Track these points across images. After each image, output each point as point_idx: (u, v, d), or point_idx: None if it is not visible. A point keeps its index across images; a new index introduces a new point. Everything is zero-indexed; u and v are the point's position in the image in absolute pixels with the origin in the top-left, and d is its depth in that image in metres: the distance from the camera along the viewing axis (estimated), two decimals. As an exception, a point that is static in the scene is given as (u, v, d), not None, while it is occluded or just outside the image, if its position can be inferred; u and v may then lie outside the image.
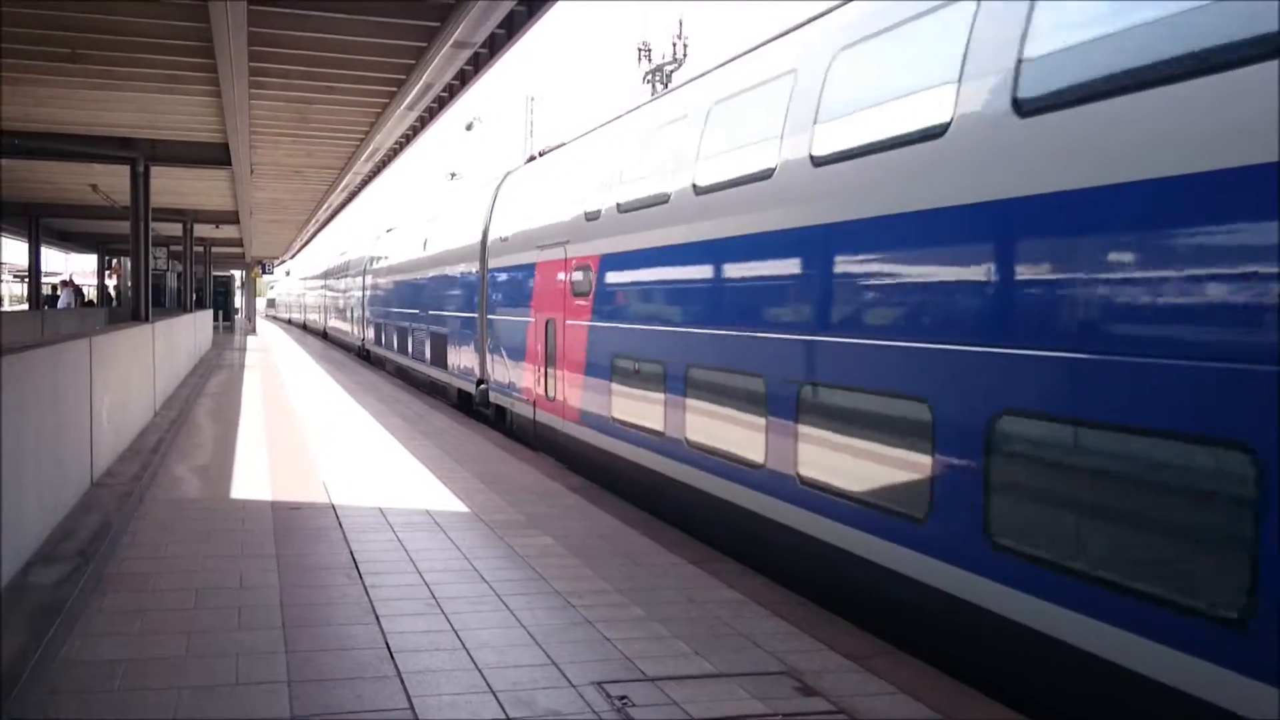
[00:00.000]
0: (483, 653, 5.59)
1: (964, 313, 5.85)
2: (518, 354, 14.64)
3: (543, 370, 13.30)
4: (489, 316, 16.42)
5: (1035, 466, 5.38)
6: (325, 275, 49.58)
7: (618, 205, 10.96)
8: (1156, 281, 4.70)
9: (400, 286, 26.14)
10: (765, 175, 7.88)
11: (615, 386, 10.84)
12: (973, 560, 5.61)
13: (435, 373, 20.83)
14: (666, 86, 37.75)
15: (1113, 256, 4.92)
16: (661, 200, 9.76)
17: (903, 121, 6.34)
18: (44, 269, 35.17)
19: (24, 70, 11.17)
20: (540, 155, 16.40)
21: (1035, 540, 5.25)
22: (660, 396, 9.62)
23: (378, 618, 6.16)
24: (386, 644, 5.69)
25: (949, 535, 5.83)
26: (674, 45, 41.82)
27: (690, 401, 9.09)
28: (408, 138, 16.14)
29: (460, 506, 9.54)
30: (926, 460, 5.99)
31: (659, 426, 9.66)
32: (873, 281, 6.82)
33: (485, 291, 16.74)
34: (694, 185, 9.11)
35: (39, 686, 4.94)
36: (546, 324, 13.18)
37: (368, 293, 32.71)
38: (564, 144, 14.99)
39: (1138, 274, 4.80)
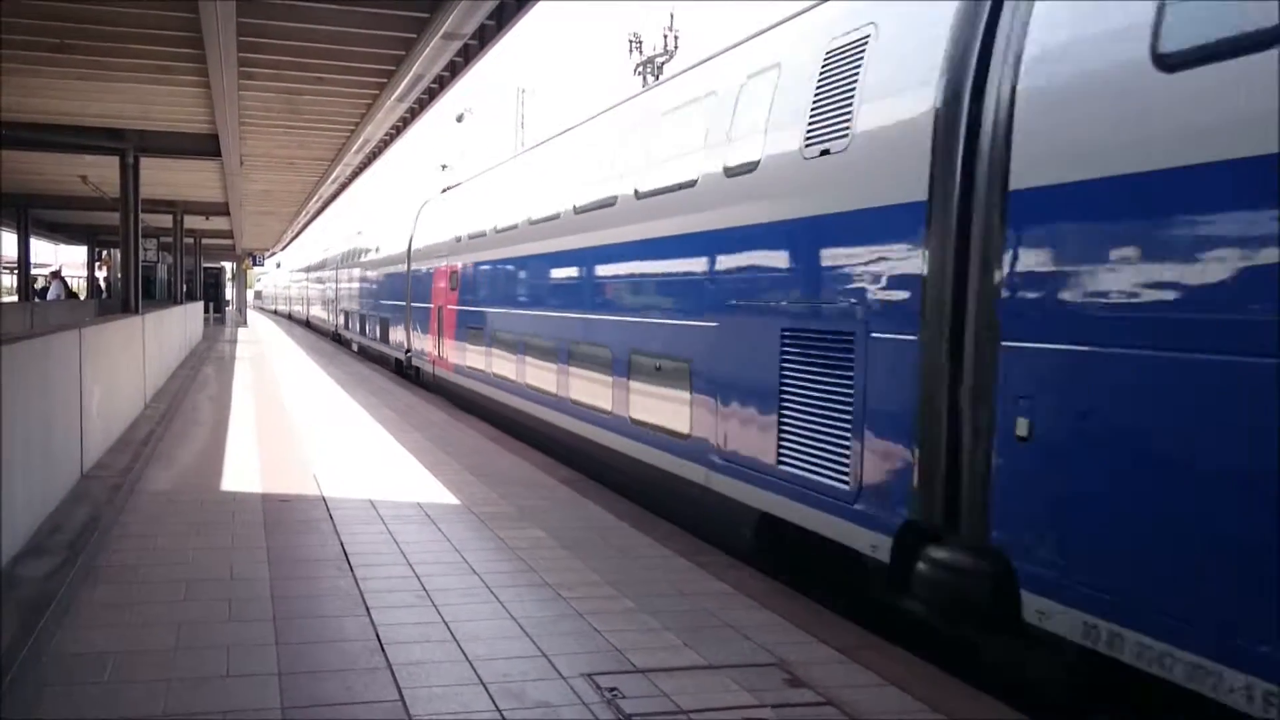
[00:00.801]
0: (473, 644, 5.60)
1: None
2: (425, 330, 21.14)
3: (437, 340, 19.66)
4: (411, 304, 22.81)
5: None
6: (306, 270, 56.85)
7: (468, 234, 17.86)
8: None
9: (361, 282, 32.65)
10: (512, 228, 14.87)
11: (469, 347, 17.06)
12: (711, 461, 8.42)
13: (382, 347, 27.39)
14: (658, 78, 37.77)
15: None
16: (480, 234, 16.74)
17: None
18: (33, 260, 35.04)
19: (12, 61, 11.11)
20: (445, 191, 23.85)
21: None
22: (491, 351, 15.49)
23: (368, 609, 6.17)
24: (377, 636, 5.70)
25: (702, 447, 8.56)
26: (665, 37, 41.81)
27: (501, 352, 14.89)
28: (398, 129, 16.10)
29: (451, 498, 9.55)
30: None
31: (483, 367, 15.85)
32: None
33: (409, 286, 23.19)
34: (494, 228, 15.87)
35: (29, 679, 4.94)
36: (439, 310, 19.64)
37: (340, 286, 38.90)
38: (458, 184, 22.65)
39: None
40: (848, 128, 6.58)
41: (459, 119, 50.87)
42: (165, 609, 6.10)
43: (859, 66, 6.59)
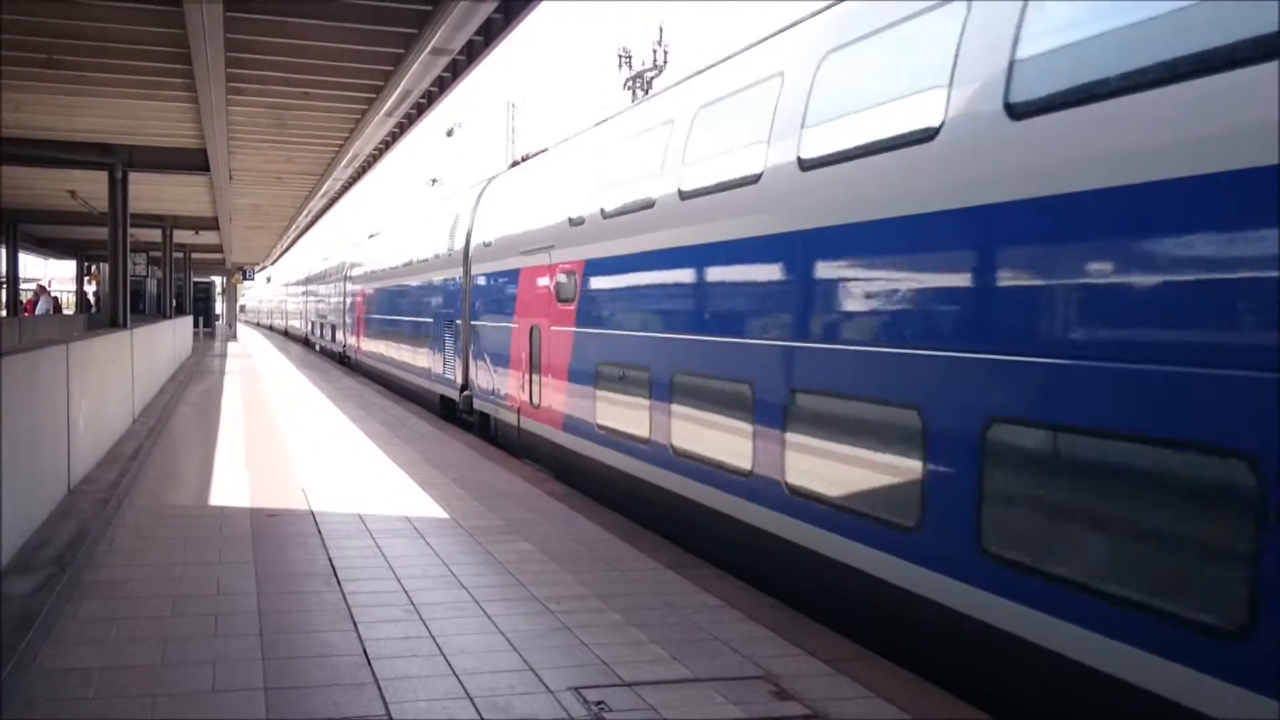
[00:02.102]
0: (460, 659, 5.60)
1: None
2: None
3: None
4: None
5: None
6: (285, 286, 65.71)
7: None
8: None
9: (319, 298, 42.05)
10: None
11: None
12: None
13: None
14: (646, 93, 37.87)
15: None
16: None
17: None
18: (22, 275, 34.96)
19: (2, 76, 11.12)
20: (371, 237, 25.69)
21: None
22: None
23: (355, 624, 6.15)
24: (364, 650, 5.69)
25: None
26: (654, 52, 41.96)
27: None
28: (387, 144, 16.14)
29: (439, 512, 9.54)
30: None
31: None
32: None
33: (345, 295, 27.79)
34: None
35: (14, 695, 4.92)
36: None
37: (309, 302, 47.58)
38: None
39: None
40: None
41: (449, 133, 50.87)
42: (152, 624, 6.08)
43: None
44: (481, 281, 15.91)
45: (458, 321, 17.15)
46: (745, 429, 7.72)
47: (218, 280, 60.21)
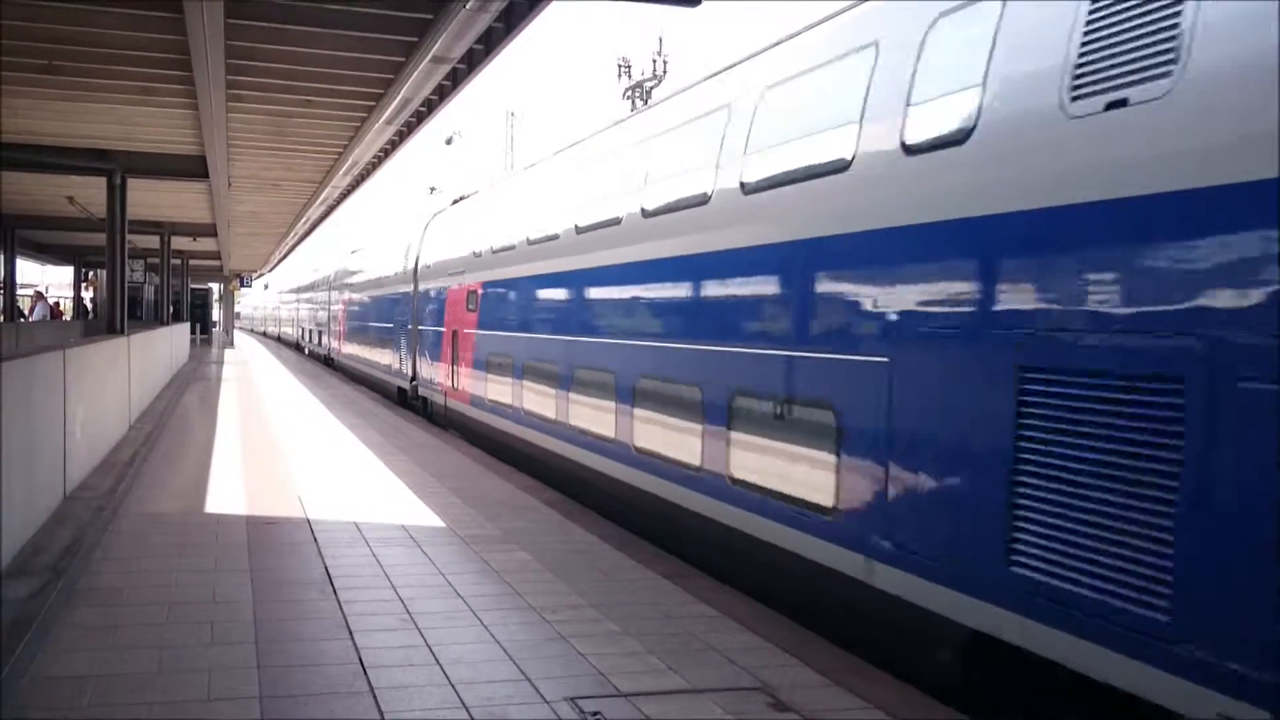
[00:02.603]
0: (456, 668, 5.58)
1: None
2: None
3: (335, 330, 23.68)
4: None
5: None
6: (280, 294, 69.18)
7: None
8: None
9: (308, 306, 46.03)
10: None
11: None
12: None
13: (312, 342, 35.74)
14: (646, 102, 37.99)
15: None
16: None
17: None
18: (19, 281, 34.92)
19: (0, 81, 11.11)
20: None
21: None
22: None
23: (351, 633, 6.14)
24: (360, 660, 5.68)
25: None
26: (654, 62, 42.05)
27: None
28: (386, 152, 16.13)
29: (436, 521, 9.52)
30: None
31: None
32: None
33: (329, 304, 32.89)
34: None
35: (8, 702, 4.91)
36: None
37: (300, 310, 51.21)
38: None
39: None
40: None
41: (448, 141, 51.00)
42: (147, 632, 6.06)
43: None
44: (424, 295, 19.86)
45: (409, 327, 21.02)
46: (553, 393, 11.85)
47: (215, 287, 60.20)
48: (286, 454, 13.66)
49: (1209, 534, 4.18)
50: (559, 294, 12.32)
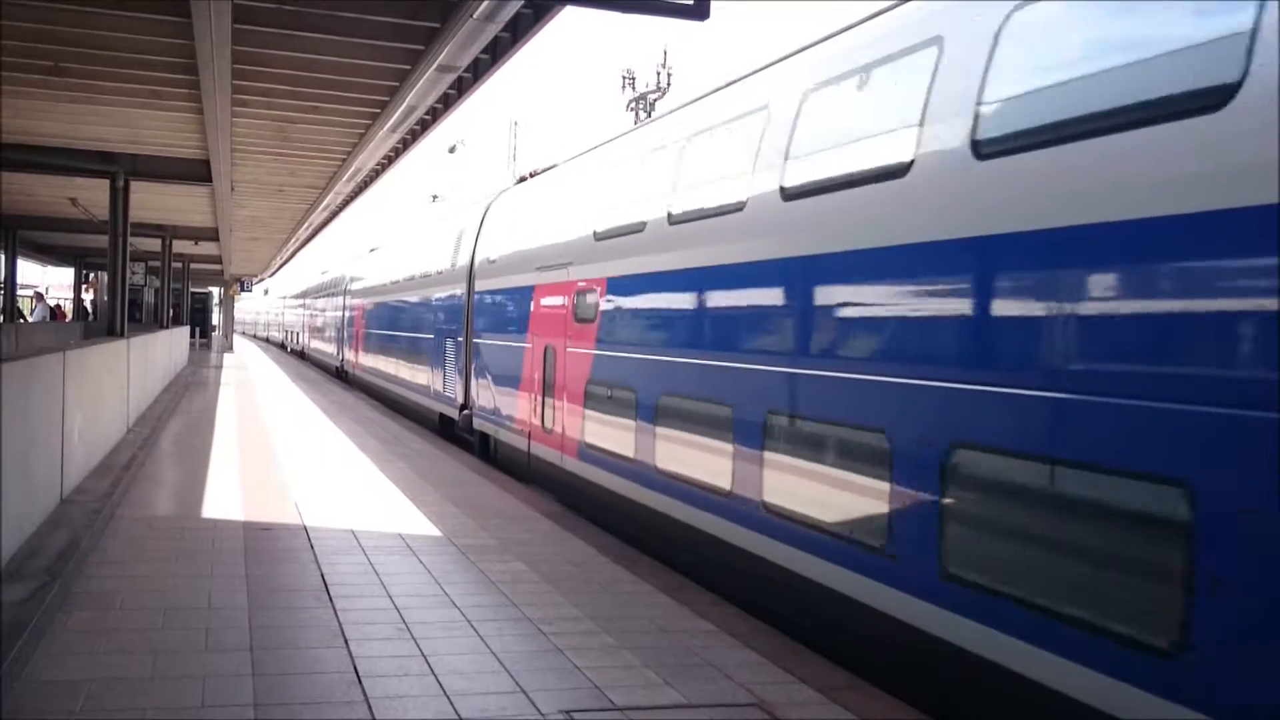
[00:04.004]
0: (451, 679, 5.56)
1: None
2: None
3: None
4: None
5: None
6: (282, 299, 68.25)
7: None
8: None
9: (315, 311, 44.46)
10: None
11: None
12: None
13: (320, 350, 36.48)
14: (650, 115, 38.06)
15: None
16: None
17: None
18: (19, 281, 34.92)
19: (6, 82, 11.12)
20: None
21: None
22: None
23: (347, 642, 6.11)
24: (355, 669, 5.65)
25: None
26: (658, 74, 42.11)
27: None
28: (390, 159, 16.15)
29: (432, 530, 9.50)
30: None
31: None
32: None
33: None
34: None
35: (2, 706, 4.88)
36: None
37: (305, 316, 50.15)
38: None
39: None
40: None
41: (451, 150, 50.99)
42: (142, 637, 6.03)
43: None
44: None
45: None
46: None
47: (215, 291, 60.18)
48: (284, 460, 13.63)
49: None
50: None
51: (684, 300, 9.07)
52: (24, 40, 9.65)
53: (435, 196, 52.99)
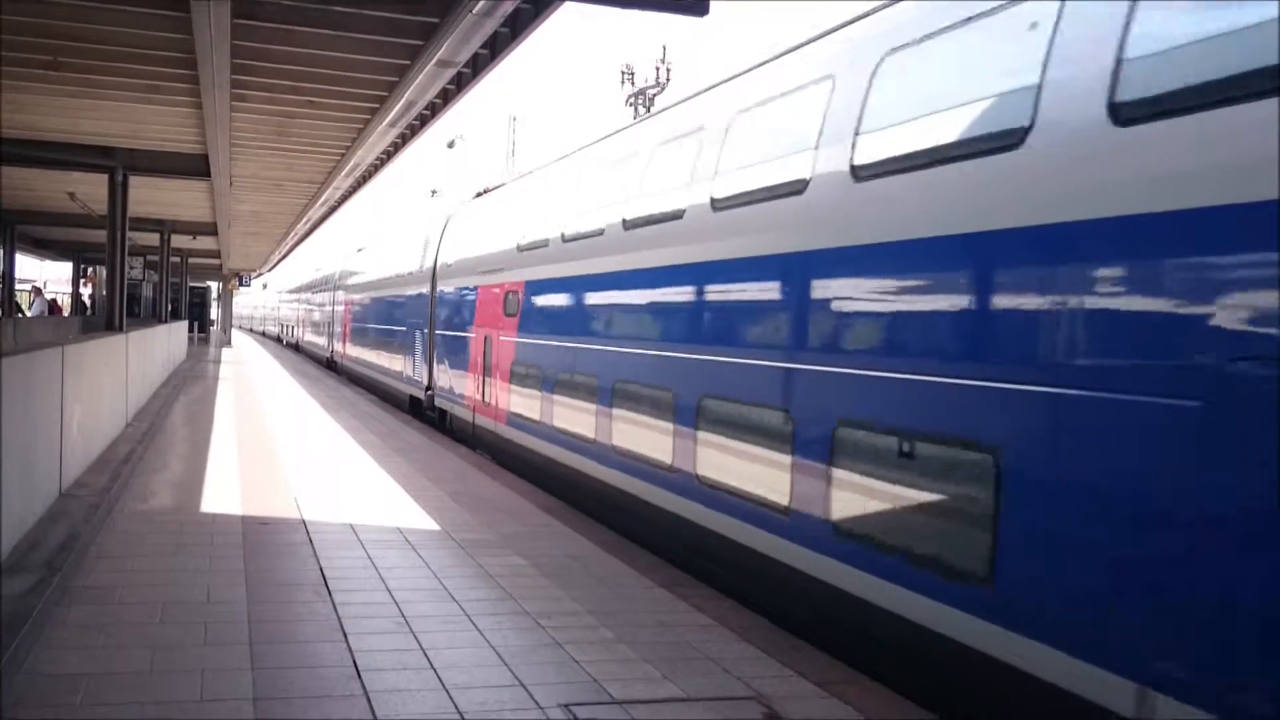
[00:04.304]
0: (450, 673, 5.57)
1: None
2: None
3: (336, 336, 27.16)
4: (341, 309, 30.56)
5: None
6: (279, 294, 71.74)
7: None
8: None
9: (309, 306, 47.71)
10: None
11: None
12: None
13: (313, 343, 40.06)
14: (649, 110, 38.11)
15: None
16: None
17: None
18: (18, 276, 34.91)
19: (5, 77, 11.11)
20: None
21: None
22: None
23: (346, 636, 6.13)
24: (354, 662, 5.66)
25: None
26: (657, 70, 42.08)
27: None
28: (389, 154, 16.13)
29: (431, 524, 9.51)
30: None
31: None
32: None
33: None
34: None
35: (1, 700, 4.89)
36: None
37: (300, 310, 53.48)
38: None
39: None
40: None
41: (450, 145, 50.92)
42: (141, 631, 6.05)
43: None
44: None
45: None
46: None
47: (214, 286, 60.16)
48: (282, 454, 13.64)
49: None
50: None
51: (574, 300, 12.05)
52: (23, 35, 9.64)
53: (434, 191, 53.03)
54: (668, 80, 41.84)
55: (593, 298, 11.39)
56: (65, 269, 47.56)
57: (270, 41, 9.65)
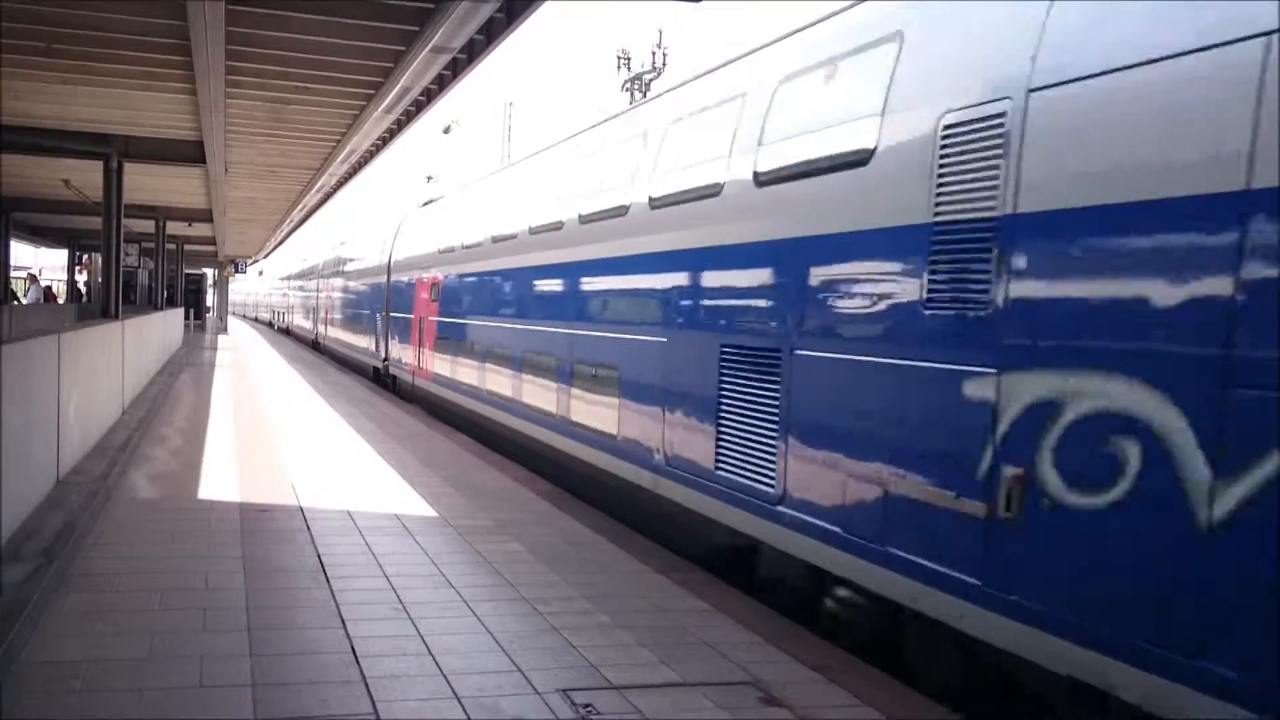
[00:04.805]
0: (448, 658, 5.59)
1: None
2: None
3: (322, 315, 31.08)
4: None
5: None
6: (271, 281, 75.00)
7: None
8: None
9: (298, 293, 50.43)
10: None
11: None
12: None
13: (300, 327, 45.68)
14: (645, 95, 38.08)
15: None
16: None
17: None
18: (13, 263, 34.83)
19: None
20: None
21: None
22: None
23: (344, 622, 6.15)
24: (352, 648, 5.68)
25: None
26: (653, 54, 41.96)
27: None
28: (384, 140, 16.09)
29: (429, 510, 9.53)
30: None
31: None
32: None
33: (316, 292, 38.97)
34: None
35: (1, 687, 4.90)
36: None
37: (288, 297, 57.09)
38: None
39: None
40: None
41: (446, 131, 50.82)
42: (139, 618, 6.06)
43: None
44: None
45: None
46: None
47: (209, 272, 60.06)
48: (279, 441, 13.65)
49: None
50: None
51: (468, 290, 16.49)
52: (17, 22, 9.60)
53: (430, 177, 52.89)
54: (664, 65, 41.74)
55: (477, 289, 16.04)
56: (61, 256, 47.47)
57: (264, 28, 9.62)
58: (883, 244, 6.08)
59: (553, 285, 12.19)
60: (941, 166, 5.50)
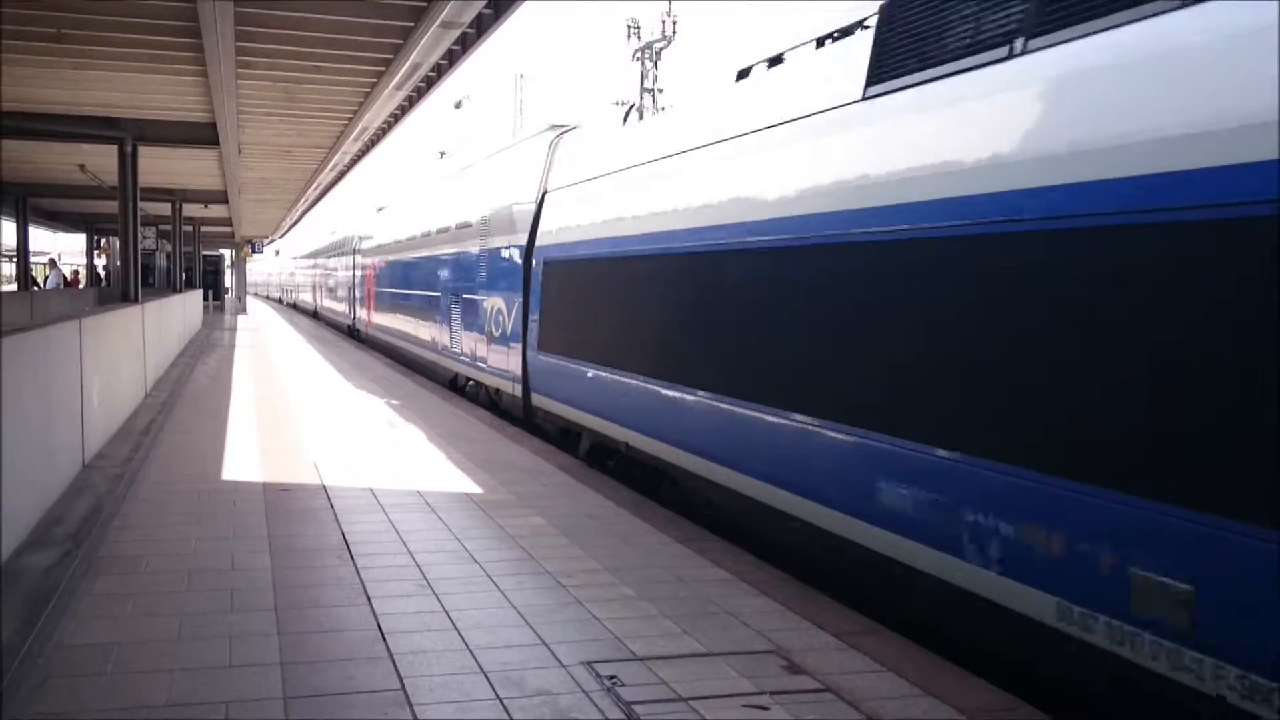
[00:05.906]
0: (474, 633, 5.64)
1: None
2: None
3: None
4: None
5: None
6: (282, 262, 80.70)
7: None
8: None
9: (309, 272, 55.74)
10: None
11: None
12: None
13: (300, 299, 60.12)
14: (655, 64, 37.90)
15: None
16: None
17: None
18: (32, 249, 35.03)
19: (11, 50, 11.10)
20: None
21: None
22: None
23: (369, 599, 6.20)
24: (378, 625, 5.73)
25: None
26: (663, 23, 41.67)
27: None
28: (396, 117, 16.10)
29: (450, 486, 9.58)
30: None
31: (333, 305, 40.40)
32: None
33: (317, 270, 49.85)
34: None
35: (32, 672, 4.98)
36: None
37: (297, 276, 64.65)
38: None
39: None
40: None
41: (457, 105, 50.69)
42: (167, 600, 6.13)
43: None
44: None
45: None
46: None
47: (227, 254, 60.31)
48: (301, 420, 13.73)
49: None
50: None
51: (388, 269, 25.59)
52: (25, 8, 9.62)
53: (443, 153, 52.80)
54: (674, 34, 41.45)
55: (386, 270, 25.84)
56: (79, 240, 47.70)
57: (273, 7, 9.62)
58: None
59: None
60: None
